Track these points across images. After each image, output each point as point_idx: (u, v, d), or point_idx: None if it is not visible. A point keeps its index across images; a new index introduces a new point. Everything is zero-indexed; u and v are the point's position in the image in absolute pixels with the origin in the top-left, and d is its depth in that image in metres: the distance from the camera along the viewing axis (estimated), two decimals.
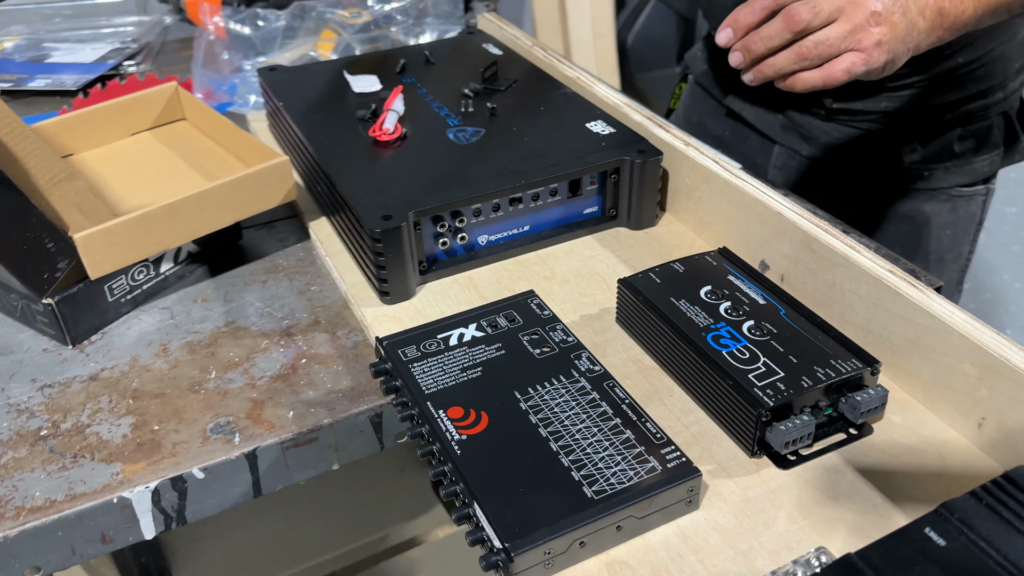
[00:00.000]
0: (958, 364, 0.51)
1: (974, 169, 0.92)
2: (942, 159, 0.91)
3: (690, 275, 0.61)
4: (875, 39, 0.66)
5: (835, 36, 0.66)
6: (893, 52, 0.66)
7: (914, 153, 0.91)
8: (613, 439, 0.49)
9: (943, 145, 0.90)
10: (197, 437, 0.58)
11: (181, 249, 0.72)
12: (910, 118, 0.89)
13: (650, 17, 3.17)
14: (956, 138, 0.90)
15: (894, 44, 0.66)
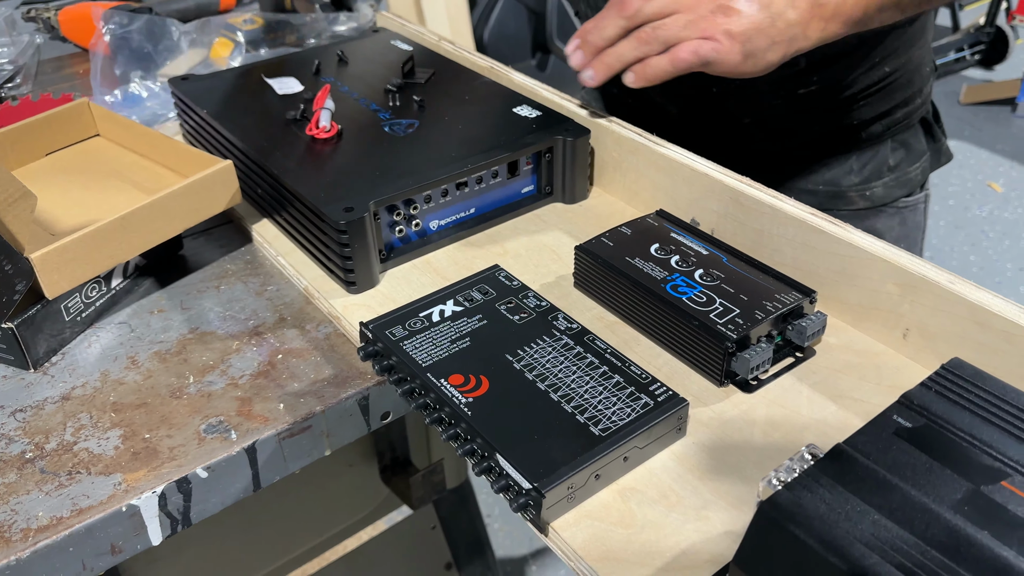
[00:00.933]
0: (881, 286, 0.59)
1: (910, 179, 0.93)
2: (881, 175, 0.92)
3: (637, 236, 0.67)
4: (722, 28, 0.65)
5: (675, 23, 0.66)
6: (751, 43, 0.65)
7: (852, 174, 0.92)
8: (605, 383, 0.54)
9: (879, 161, 0.91)
10: (192, 439, 0.59)
11: (129, 263, 0.71)
12: (844, 137, 0.90)
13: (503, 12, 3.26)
14: (889, 151, 0.91)
15: (751, 35, 0.65)
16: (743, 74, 0.68)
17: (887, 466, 0.43)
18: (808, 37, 0.67)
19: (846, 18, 0.67)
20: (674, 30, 0.67)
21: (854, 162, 0.91)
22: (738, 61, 0.66)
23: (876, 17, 0.68)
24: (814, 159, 0.92)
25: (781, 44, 0.66)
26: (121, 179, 0.79)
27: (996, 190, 2.98)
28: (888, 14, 0.69)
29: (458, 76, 0.89)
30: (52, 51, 1.26)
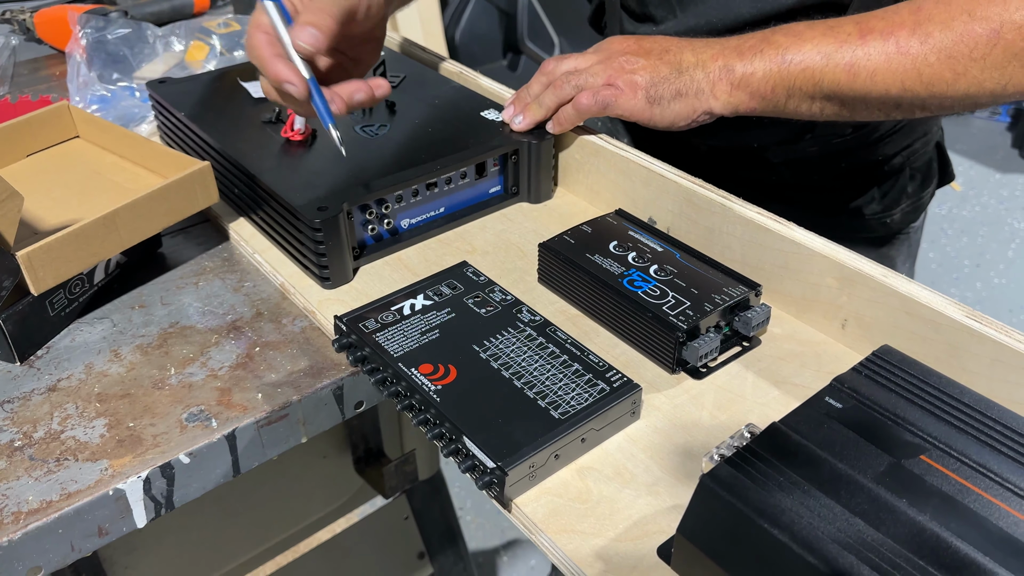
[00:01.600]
0: (821, 279, 0.64)
1: (922, 204, 0.97)
2: (899, 202, 0.95)
3: (597, 234, 0.71)
4: (625, 77, 0.73)
5: (586, 72, 0.75)
6: (655, 90, 0.72)
7: (873, 203, 0.94)
8: (565, 371, 0.58)
9: (899, 190, 0.94)
10: (175, 427, 0.62)
11: (111, 260, 0.74)
12: (867, 171, 0.92)
13: (474, 12, 3.29)
14: (908, 179, 0.93)
15: (655, 83, 0.72)
16: (654, 121, 0.73)
17: (818, 443, 0.47)
18: (716, 97, 0.71)
19: (754, 90, 0.70)
20: (584, 78, 0.75)
21: (875, 192, 0.95)
22: (643, 106, 0.72)
23: (787, 103, 0.70)
24: (837, 190, 0.95)
25: (688, 97, 0.72)
26: (101, 180, 0.81)
27: (955, 189, 3.07)
28: (803, 106, 0.70)
29: (428, 80, 0.92)
30: (28, 53, 1.27)
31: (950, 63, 0.63)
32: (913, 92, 0.65)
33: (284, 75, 0.66)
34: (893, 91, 0.66)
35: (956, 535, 0.42)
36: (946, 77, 0.64)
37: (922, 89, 0.65)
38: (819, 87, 0.68)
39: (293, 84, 0.66)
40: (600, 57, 0.76)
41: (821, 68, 0.67)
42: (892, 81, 0.65)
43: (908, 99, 0.66)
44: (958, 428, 0.48)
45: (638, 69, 0.73)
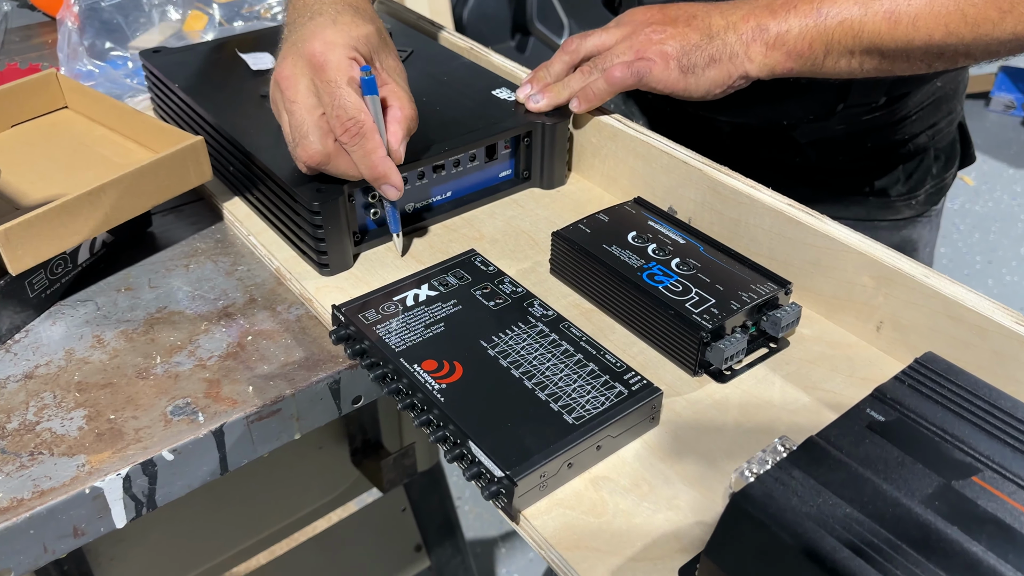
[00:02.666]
0: (856, 277, 0.59)
1: (945, 184, 0.94)
2: (924, 183, 0.92)
3: (615, 223, 0.66)
4: (655, 48, 0.69)
5: (612, 52, 0.71)
6: (687, 59, 0.68)
7: (898, 184, 0.91)
8: (580, 372, 0.54)
9: (924, 170, 0.91)
10: (159, 421, 0.58)
11: (96, 239, 0.70)
12: (893, 150, 0.89)
13: None
14: (932, 159, 0.90)
15: (687, 51, 0.68)
16: (690, 91, 0.70)
17: (859, 459, 0.43)
18: (751, 59, 0.68)
19: (790, 49, 0.67)
20: (611, 59, 0.71)
21: (900, 172, 0.92)
22: (676, 77, 0.69)
23: (826, 61, 0.67)
24: (864, 172, 0.92)
25: (722, 63, 0.68)
26: (89, 153, 0.77)
27: (968, 183, 3.02)
28: (842, 63, 0.67)
29: (437, 56, 0.88)
30: (20, 19, 1.22)
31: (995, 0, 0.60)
32: (958, 35, 0.62)
33: (389, 176, 0.63)
34: (936, 36, 0.63)
35: (1015, 568, 0.38)
36: (992, 16, 0.61)
37: (967, 31, 0.62)
38: (859, 40, 0.65)
39: (395, 188, 0.63)
40: (624, 32, 0.73)
41: (859, 19, 0.64)
42: (935, 26, 0.62)
43: (952, 45, 0.63)
44: (1012, 447, 0.44)
45: (667, 39, 0.69)
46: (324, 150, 0.62)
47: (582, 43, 0.74)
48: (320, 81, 0.61)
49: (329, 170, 0.63)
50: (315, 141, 0.61)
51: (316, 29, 0.63)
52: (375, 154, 0.62)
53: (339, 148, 0.62)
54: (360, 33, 0.63)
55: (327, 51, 0.61)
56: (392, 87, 0.64)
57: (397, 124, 0.63)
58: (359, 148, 0.61)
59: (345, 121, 0.60)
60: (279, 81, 0.63)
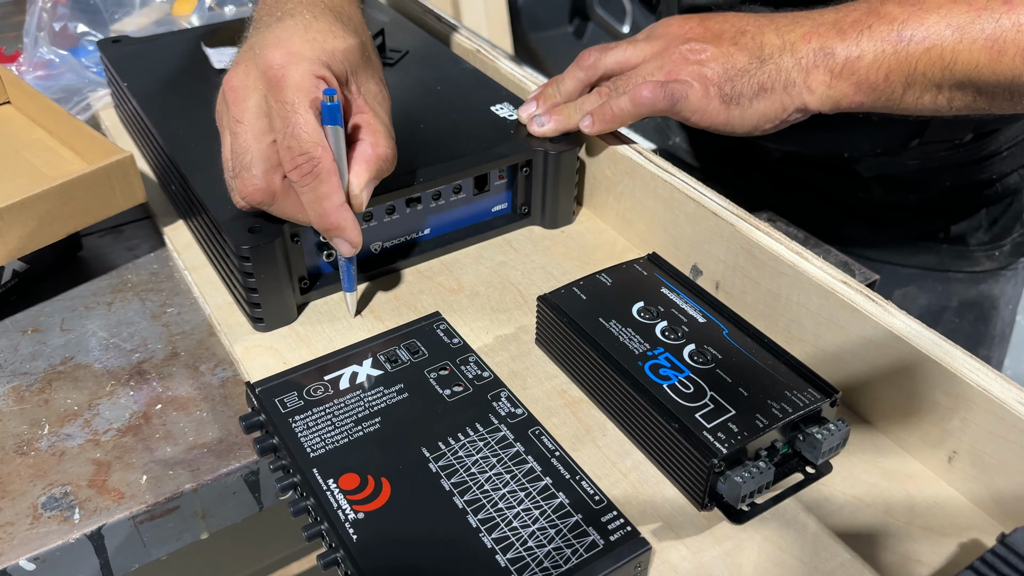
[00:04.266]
0: (927, 391, 0.45)
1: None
2: (1011, 231, 0.79)
3: (619, 288, 0.53)
4: (692, 69, 0.56)
5: (638, 73, 0.58)
6: (732, 87, 0.55)
7: (980, 231, 0.78)
8: (544, 506, 0.40)
9: (1012, 215, 0.78)
10: (25, 516, 0.46)
11: (4, 269, 0.59)
12: (976, 190, 0.76)
13: None
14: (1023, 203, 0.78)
15: (731, 77, 0.55)
16: (732, 125, 0.56)
17: None
18: (812, 89, 0.54)
19: (861, 79, 0.53)
20: (637, 78, 0.58)
21: (984, 217, 0.77)
22: (716, 108, 0.55)
23: (905, 96, 0.53)
24: (938, 213, 0.78)
25: (774, 92, 0.55)
26: (18, 160, 0.66)
27: None
28: (927, 98, 0.53)
29: (436, 58, 0.74)
30: None
31: None
32: None
33: (343, 229, 0.49)
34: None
35: None
36: None
37: None
38: (950, 71, 0.51)
39: (350, 244, 0.50)
40: (656, 47, 0.59)
41: (952, 46, 0.50)
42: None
43: None
44: None
45: (708, 59, 0.56)
46: (268, 187, 0.49)
47: (601, 57, 0.61)
48: (275, 101, 0.48)
49: (273, 211, 0.51)
50: (258, 175, 0.49)
51: (282, 35, 0.49)
52: (328, 200, 0.48)
53: (287, 186, 0.50)
54: (336, 47, 0.50)
55: (288, 64, 0.48)
56: (368, 117, 0.51)
57: (364, 164, 0.50)
58: (310, 191, 0.48)
59: (297, 156, 0.47)
60: (226, 92, 0.50)
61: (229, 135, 0.50)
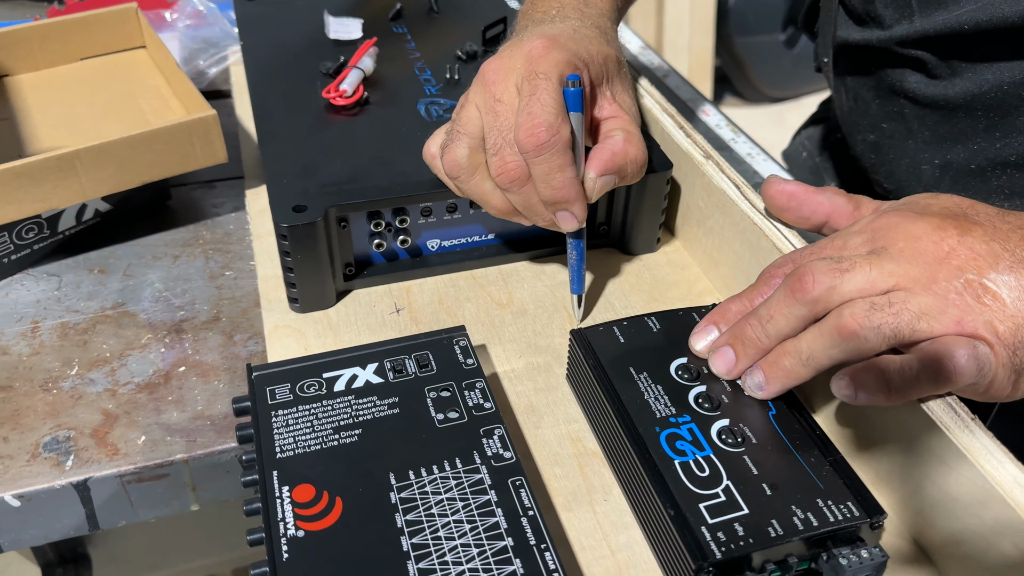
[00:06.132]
0: (995, 536, 0.36)
1: None
2: None
3: (665, 337, 0.46)
4: (987, 323, 0.38)
5: (904, 303, 0.38)
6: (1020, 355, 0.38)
7: None
8: (491, 569, 0.36)
9: None
10: (25, 452, 0.47)
11: (87, 207, 0.61)
12: None
13: None
14: None
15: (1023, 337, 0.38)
16: (1004, 400, 0.40)
17: None
18: None
19: None
20: (905, 318, 0.38)
21: None
22: (1004, 380, 0.38)
23: None
24: None
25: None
26: (131, 103, 0.68)
27: None
28: None
29: None
30: None
31: None
32: None
33: (571, 201, 0.48)
34: None
35: None
36: None
37: None
38: None
39: (574, 217, 0.48)
40: (910, 270, 0.39)
41: None
42: None
43: None
44: None
45: (991, 308, 0.38)
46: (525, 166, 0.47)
47: (838, 286, 0.39)
48: (528, 73, 0.47)
49: (519, 196, 0.48)
50: (517, 153, 0.47)
51: (550, 30, 0.50)
52: (561, 172, 0.46)
53: None
54: (599, 50, 0.51)
55: (552, 49, 0.47)
56: (623, 121, 0.50)
57: (609, 156, 0.48)
58: (544, 162, 0.46)
59: (537, 124, 0.45)
60: (485, 73, 0.49)
61: (490, 116, 0.48)
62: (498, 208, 0.50)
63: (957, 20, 0.54)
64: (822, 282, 0.40)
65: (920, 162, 0.61)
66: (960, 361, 0.37)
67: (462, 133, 0.49)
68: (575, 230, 0.50)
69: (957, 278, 0.39)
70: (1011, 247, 0.40)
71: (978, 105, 0.56)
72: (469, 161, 0.49)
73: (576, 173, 0.48)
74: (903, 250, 0.40)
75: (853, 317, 0.38)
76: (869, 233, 0.42)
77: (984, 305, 0.38)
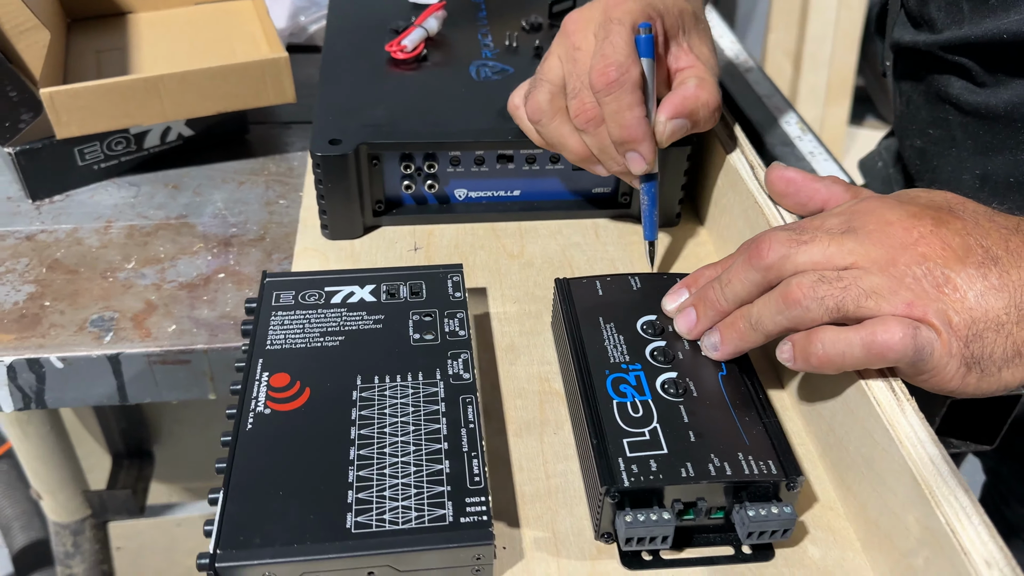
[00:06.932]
0: (901, 510, 0.37)
1: None
2: None
3: (643, 296, 0.49)
4: (940, 312, 0.38)
5: (859, 281, 0.39)
6: (980, 343, 0.38)
7: None
8: (423, 467, 0.40)
9: None
10: (74, 325, 0.55)
11: (171, 129, 0.68)
12: None
13: None
14: None
15: (981, 330, 0.38)
16: (959, 394, 0.40)
17: None
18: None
19: None
20: (853, 293, 0.39)
21: None
22: (954, 371, 0.38)
23: None
24: None
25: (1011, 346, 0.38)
26: (225, 45, 0.76)
27: None
28: None
29: None
30: None
31: None
32: None
33: (640, 141, 0.49)
34: None
35: None
36: None
37: None
38: None
39: (643, 159, 0.50)
40: (873, 253, 0.40)
41: None
42: None
43: None
44: None
45: (952, 297, 0.38)
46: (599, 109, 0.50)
47: (792, 256, 0.41)
48: (603, 19, 0.50)
49: (594, 137, 0.51)
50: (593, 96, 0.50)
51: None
52: (630, 111, 0.48)
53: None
54: (674, 3, 0.52)
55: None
56: (698, 69, 0.52)
57: (680, 100, 0.50)
58: (614, 100, 0.48)
59: (608, 64, 0.48)
60: (566, 24, 0.53)
61: (570, 63, 0.51)
62: (576, 152, 0.52)
63: (998, 29, 0.53)
64: (777, 250, 0.41)
65: (961, 171, 0.60)
66: (893, 337, 0.38)
67: (544, 80, 0.52)
68: (644, 172, 0.51)
69: (919, 264, 0.39)
70: (987, 244, 0.40)
71: (1019, 116, 0.55)
72: (550, 105, 0.51)
73: (644, 113, 0.49)
74: (871, 232, 0.41)
75: (799, 286, 0.40)
76: (848, 215, 0.43)
77: (943, 294, 0.39)
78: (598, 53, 0.49)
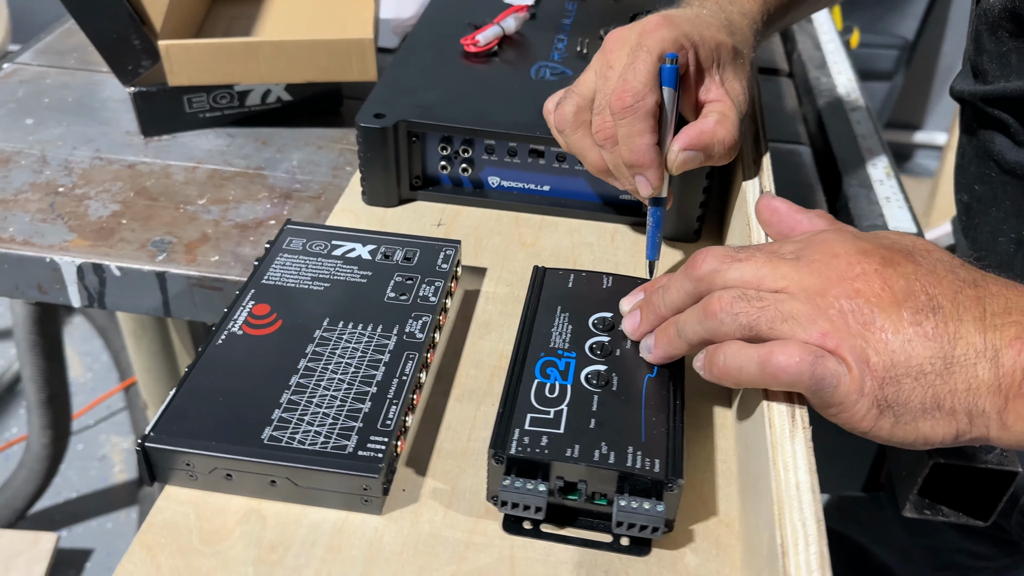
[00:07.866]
0: (764, 528, 0.37)
1: None
2: None
3: (609, 295, 0.51)
4: (855, 343, 0.38)
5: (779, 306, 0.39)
6: (896, 388, 0.37)
7: None
8: (347, 403, 0.44)
9: None
10: (138, 242, 0.63)
11: (271, 92, 0.77)
12: None
13: None
14: None
15: (898, 375, 0.37)
16: (871, 437, 0.39)
17: None
18: (1007, 426, 0.37)
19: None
20: (768, 315, 0.40)
21: None
22: (865, 412, 0.38)
23: None
24: None
25: (953, 416, 0.37)
26: (336, 24, 0.83)
27: None
28: None
29: None
30: None
31: None
32: None
33: (647, 164, 0.51)
34: None
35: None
36: None
37: None
38: None
39: (649, 183, 0.52)
40: (808, 280, 0.40)
41: None
42: None
43: None
44: None
45: (875, 337, 0.38)
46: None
47: (722, 271, 0.42)
48: (635, 44, 0.51)
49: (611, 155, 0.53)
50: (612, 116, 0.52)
51: (672, 12, 0.54)
52: (641, 137, 0.50)
53: None
54: (712, 36, 0.53)
55: (663, 25, 0.51)
56: (723, 105, 0.52)
57: (695, 134, 0.51)
58: (627, 125, 0.50)
59: (627, 89, 0.49)
60: (607, 41, 0.55)
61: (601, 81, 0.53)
62: (594, 164, 0.55)
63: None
64: (710, 264, 0.42)
65: (999, 233, 0.57)
66: (789, 360, 0.38)
67: (575, 92, 0.54)
68: (651, 196, 0.53)
69: (849, 299, 0.39)
70: (934, 292, 0.39)
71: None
72: (575, 118, 0.54)
73: (655, 140, 0.50)
74: (814, 261, 0.41)
75: (719, 300, 0.41)
76: (803, 244, 0.43)
77: (867, 331, 0.38)
78: (621, 77, 0.50)
